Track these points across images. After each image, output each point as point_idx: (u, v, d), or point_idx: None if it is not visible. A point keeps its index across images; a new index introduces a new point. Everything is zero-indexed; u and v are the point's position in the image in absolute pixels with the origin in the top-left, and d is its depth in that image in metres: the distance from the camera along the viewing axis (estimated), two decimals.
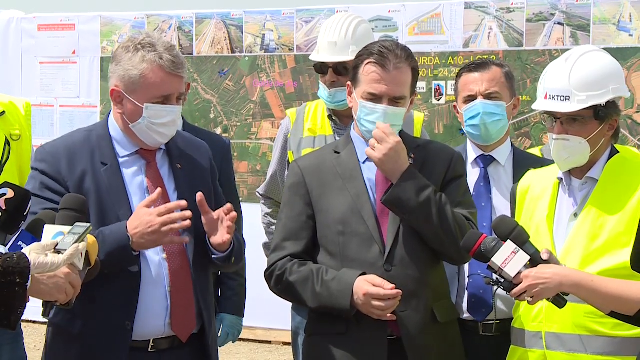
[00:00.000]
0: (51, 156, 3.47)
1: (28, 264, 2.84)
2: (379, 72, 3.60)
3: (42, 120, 9.03)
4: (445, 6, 7.89)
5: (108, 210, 3.43)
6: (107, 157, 3.50)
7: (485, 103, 4.18)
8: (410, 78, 3.65)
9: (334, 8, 8.09)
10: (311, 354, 3.72)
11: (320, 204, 3.66)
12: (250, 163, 8.53)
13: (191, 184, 3.55)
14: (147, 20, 8.91)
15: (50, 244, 2.95)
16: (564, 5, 7.51)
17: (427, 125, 7.71)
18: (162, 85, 3.43)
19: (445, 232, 3.54)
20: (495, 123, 4.19)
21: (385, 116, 3.60)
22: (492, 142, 4.23)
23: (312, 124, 4.87)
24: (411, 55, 3.68)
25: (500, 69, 4.25)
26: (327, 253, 3.65)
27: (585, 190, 3.47)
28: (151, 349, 3.47)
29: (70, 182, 3.42)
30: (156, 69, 3.42)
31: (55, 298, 2.99)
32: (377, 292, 3.47)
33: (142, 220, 3.32)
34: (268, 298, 3.96)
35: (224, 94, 8.62)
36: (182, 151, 3.63)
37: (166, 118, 3.46)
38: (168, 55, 3.43)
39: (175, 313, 3.46)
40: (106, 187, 3.44)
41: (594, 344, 3.35)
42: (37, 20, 9.27)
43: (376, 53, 3.62)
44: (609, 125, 3.46)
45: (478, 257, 3.32)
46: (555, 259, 3.29)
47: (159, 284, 3.45)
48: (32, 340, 7.87)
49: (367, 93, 3.62)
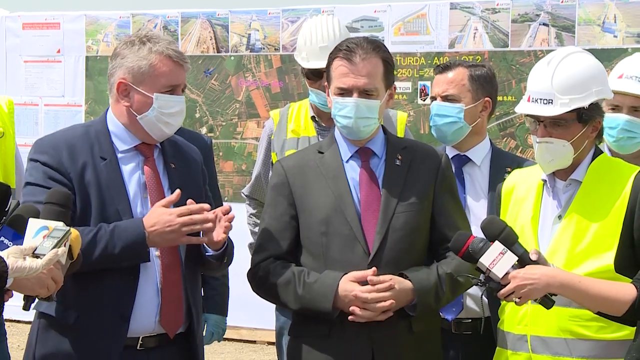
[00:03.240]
0: (52, 148, 3.49)
1: (6, 268, 2.82)
2: (346, 66, 3.60)
3: (26, 119, 9.00)
4: (431, 6, 7.90)
5: (108, 205, 3.46)
6: (106, 152, 3.53)
7: (440, 105, 4.24)
8: (382, 69, 3.63)
9: (319, 8, 8.09)
10: (295, 355, 3.69)
11: (303, 204, 3.65)
12: (235, 163, 8.52)
13: (184, 183, 3.57)
14: (132, 19, 8.88)
15: (29, 248, 2.93)
16: (549, 6, 7.53)
17: (413, 126, 7.71)
18: (170, 74, 3.50)
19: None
20: (448, 125, 4.23)
21: (356, 109, 3.59)
22: (450, 143, 4.28)
23: (295, 125, 4.87)
24: (380, 47, 3.66)
25: (466, 70, 4.27)
26: (310, 254, 3.63)
27: (569, 192, 3.46)
28: (140, 347, 3.48)
29: (73, 174, 3.46)
30: (165, 59, 3.49)
31: (37, 293, 2.98)
32: (365, 297, 3.45)
33: (161, 219, 3.38)
34: (253, 298, 3.95)
35: (209, 94, 8.60)
36: (176, 152, 3.67)
37: (175, 108, 3.52)
38: (172, 47, 3.53)
39: (165, 309, 3.48)
40: (106, 181, 3.48)
41: (579, 348, 3.35)
42: (21, 18, 9.23)
43: (343, 49, 3.63)
44: (592, 127, 3.45)
45: (467, 258, 3.32)
46: (544, 260, 3.28)
47: (151, 280, 3.48)
48: (16, 340, 7.84)
49: (336, 88, 3.63)
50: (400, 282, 3.51)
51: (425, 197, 3.64)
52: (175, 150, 3.68)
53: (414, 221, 3.60)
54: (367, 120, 3.61)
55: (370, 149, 3.69)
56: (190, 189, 3.54)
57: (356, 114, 3.59)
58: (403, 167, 3.65)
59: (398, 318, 3.53)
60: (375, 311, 3.47)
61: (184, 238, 3.41)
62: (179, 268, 3.53)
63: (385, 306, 3.47)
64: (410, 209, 3.60)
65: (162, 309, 3.47)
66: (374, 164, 3.68)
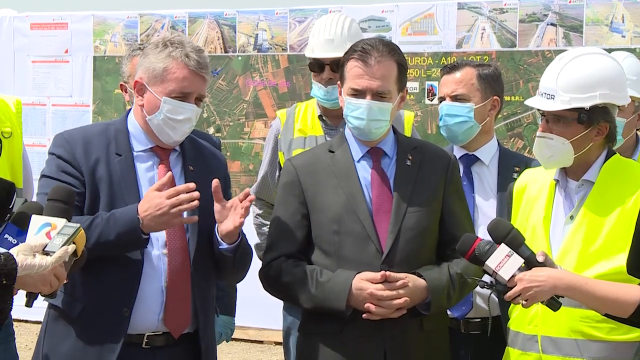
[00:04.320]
0: (67, 142, 3.56)
1: (15, 266, 2.83)
2: (361, 67, 3.61)
3: (34, 119, 9.02)
4: (439, 6, 7.90)
5: (118, 199, 3.50)
6: (122, 149, 3.58)
7: (450, 105, 4.25)
8: (396, 72, 3.65)
9: (327, 8, 8.10)
10: (305, 352, 3.71)
11: (314, 202, 3.65)
12: (242, 163, 8.53)
13: (201, 186, 3.56)
14: (140, 19, 8.89)
15: (39, 245, 2.94)
16: (556, 6, 7.52)
17: (420, 126, 7.71)
18: (182, 81, 3.51)
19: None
20: (458, 125, 4.23)
21: (369, 111, 3.60)
22: (460, 143, 4.28)
23: (302, 125, 4.87)
24: (395, 50, 3.67)
25: (474, 70, 4.27)
26: (322, 252, 3.64)
27: (581, 192, 3.44)
28: (145, 345, 3.50)
29: (85, 168, 3.51)
30: (180, 65, 3.51)
31: (40, 289, 2.99)
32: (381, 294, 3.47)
33: (152, 202, 3.39)
34: (260, 298, 3.96)
35: (216, 94, 8.61)
36: (197, 156, 3.70)
37: (182, 115, 3.53)
38: (194, 55, 3.53)
39: (170, 309, 3.49)
40: (118, 176, 3.52)
41: (589, 349, 3.34)
42: (29, 19, 9.25)
43: (359, 50, 3.64)
44: (596, 130, 3.41)
45: (473, 260, 3.33)
46: (551, 262, 3.28)
47: (156, 278, 3.49)
48: (24, 340, 7.86)
49: (350, 89, 3.64)
50: (414, 280, 3.53)
51: (435, 198, 3.66)
52: (197, 154, 3.70)
53: (424, 221, 3.62)
54: (379, 122, 3.62)
55: (381, 149, 3.70)
56: (208, 192, 3.53)
57: (368, 116, 3.60)
58: (413, 168, 3.66)
59: (409, 316, 3.55)
60: (390, 308, 3.49)
61: (176, 219, 3.41)
62: (187, 268, 3.53)
63: (400, 303, 3.49)
64: (421, 209, 3.62)
65: (167, 307, 3.49)
66: (385, 164, 3.69)
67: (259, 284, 3.75)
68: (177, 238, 3.54)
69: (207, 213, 3.52)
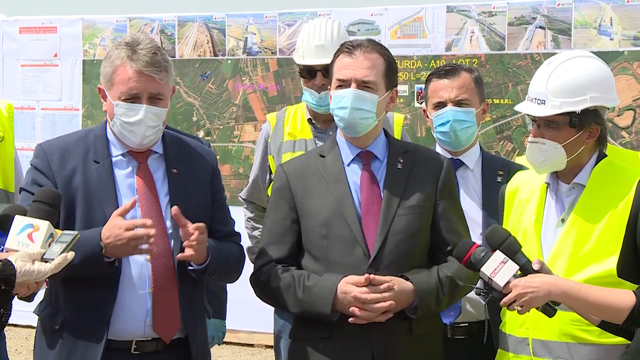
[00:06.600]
0: (44, 152, 3.52)
1: (14, 272, 2.83)
2: (346, 59, 3.64)
3: (23, 123, 8.99)
4: (428, 10, 7.91)
5: (95, 207, 3.46)
6: (101, 156, 3.53)
7: (455, 110, 4.21)
8: (383, 66, 3.64)
9: (316, 11, 8.10)
10: (296, 358, 3.71)
11: (304, 207, 3.65)
12: (232, 166, 8.53)
13: (186, 189, 3.55)
14: (129, 23, 8.89)
15: (37, 252, 2.95)
16: (545, 9, 7.54)
17: (410, 129, 7.72)
18: (128, 82, 3.43)
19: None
20: (464, 130, 4.22)
21: (353, 99, 3.59)
22: (462, 148, 4.27)
23: (292, 128, 4.87)
24: (383, 47, 3.69)
25: (469, 74, 4.27)
26: (311, 257, 3.64)
27: (572, 195, 3.45)
28: (134, 351, 3.48)
29: (59, 178, 3.47)
30: (125, 66, 3.43)
31: (17, 291, 2.99)
32: (365, 297, 3.46)
33: (112, 232, 3.35)
34: (251, 301, 3.95)
35: (206, 97, 8.61)
36: (182, 157, 3.64)
37: (134, 117, 3.45)
38: (145, 53, 3.43)
39: (158, 314, 3.47)
40: (95, 184, 3.48)
41: (580, 352, 3.35)
42: (18, 23, 9.23)
43: (346, 46, 3.67)
44: (588, 133, 3.42)
45: (469, 266, 3.33)
46: (547, 269, 3.28)
47: (140, 285, 3.47)
48: (14, 344, 7.84)
49: (336, 80, 3.65)
50: (401, 283, 3.51)
51: (426, 201, 3.65)
52: (182, 155, 3.65)
53: (414, 224, 3.61)
54: (363, 112, 3.61)
55: (371, 152, 3.69)
56: (193, 195, 3.53)
57: (352, 104, 3.59)
58: (404, 171, 3.66)
59: (398, 320, 3.53)
60: (375, 312, 3.48)
61: (135, 250, 3.38)
62: (172, 273, 3.51)
63: (384, 307, 3.47)
64: (411, 212, 3.61)
65: (155, 313, 3.47)
66: (375, 167, 3.68)
67: (250, 286, 3.75)
68: (160, 243, 3.49)
69: (192, 216, 3.47)
